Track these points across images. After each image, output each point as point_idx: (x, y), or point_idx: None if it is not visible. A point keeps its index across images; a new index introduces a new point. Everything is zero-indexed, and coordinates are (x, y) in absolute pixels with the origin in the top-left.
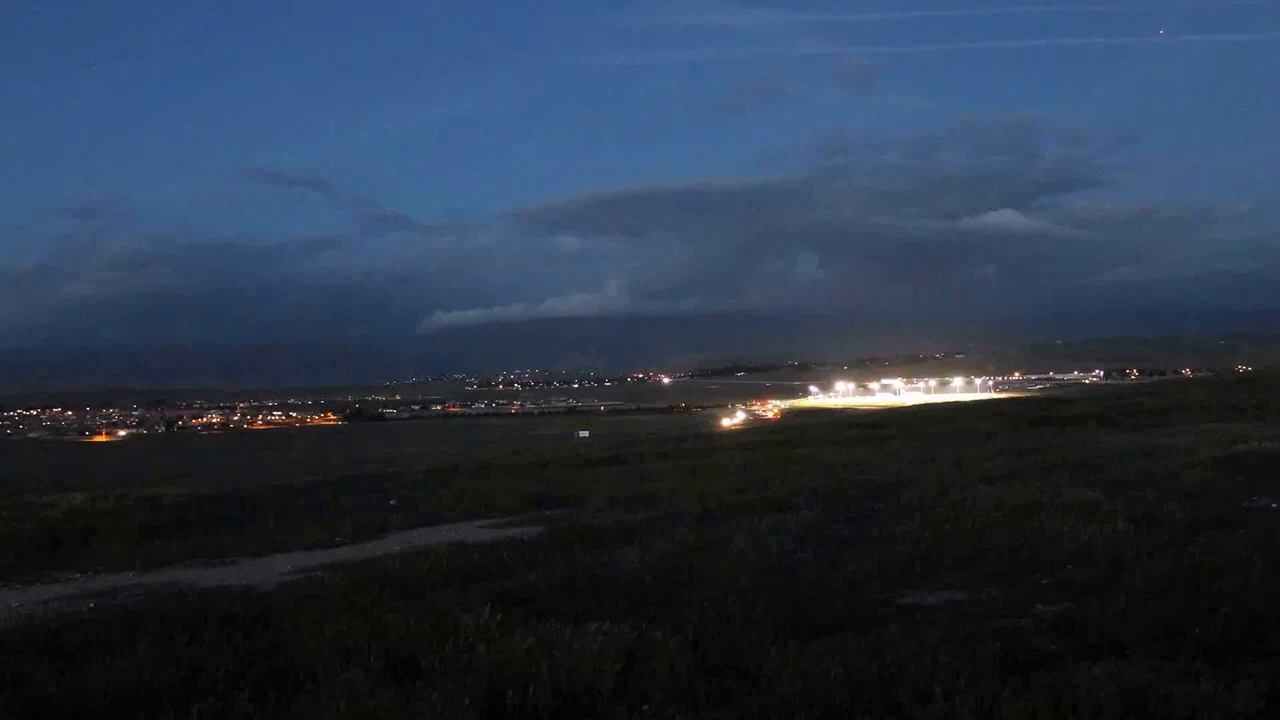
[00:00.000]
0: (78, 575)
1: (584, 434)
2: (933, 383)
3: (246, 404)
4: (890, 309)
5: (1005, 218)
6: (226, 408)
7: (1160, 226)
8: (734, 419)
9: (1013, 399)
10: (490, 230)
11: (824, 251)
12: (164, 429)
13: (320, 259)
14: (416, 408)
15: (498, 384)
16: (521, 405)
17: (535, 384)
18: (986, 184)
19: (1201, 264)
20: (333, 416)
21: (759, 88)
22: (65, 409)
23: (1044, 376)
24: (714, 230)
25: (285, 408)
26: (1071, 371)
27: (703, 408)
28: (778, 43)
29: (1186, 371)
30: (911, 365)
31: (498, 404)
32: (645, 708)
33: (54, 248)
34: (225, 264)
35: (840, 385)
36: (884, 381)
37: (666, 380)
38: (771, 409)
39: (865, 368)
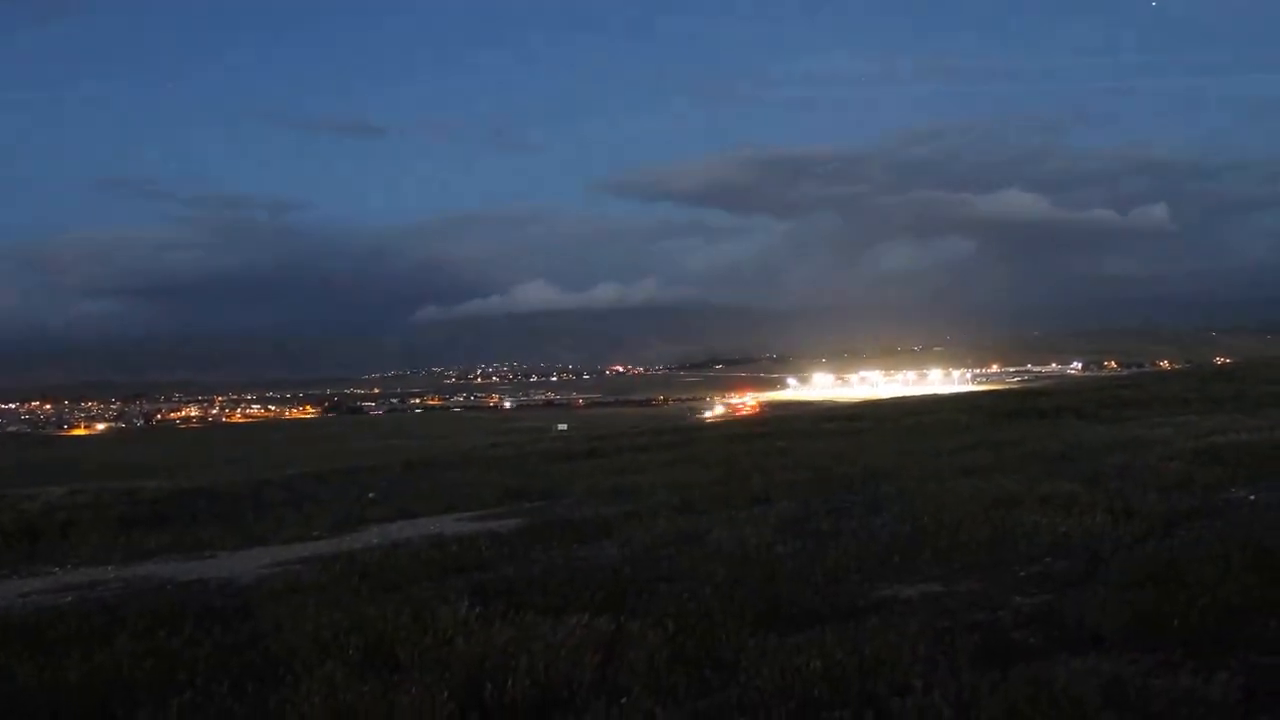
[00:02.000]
0: (56, 569)
1: (562, 427)
2: (911, 375)
3: (225, 397)
4: (869, 301)
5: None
6: (204, 401)
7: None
8: (712, 411)
9: (990, 391)
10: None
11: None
12: (142, 423)
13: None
14: (395, 401)
15: (476, 377)
16: (500, 398)
17: (514, 377)
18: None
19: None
20: (311, 410)
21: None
22: (44, 402)
23: (1021, 369)
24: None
25: (263, 401)
26: (1049, 363)
27: (681, 400)
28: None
29: (1164, 363)
30: (889, 358)
31: (476, 397)
32: (624, 700)
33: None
34: (226, 246)
35: (818, 377)
36: (862, 374)
37: (645, 373)
38: (749, 402)
39: (843, 360)
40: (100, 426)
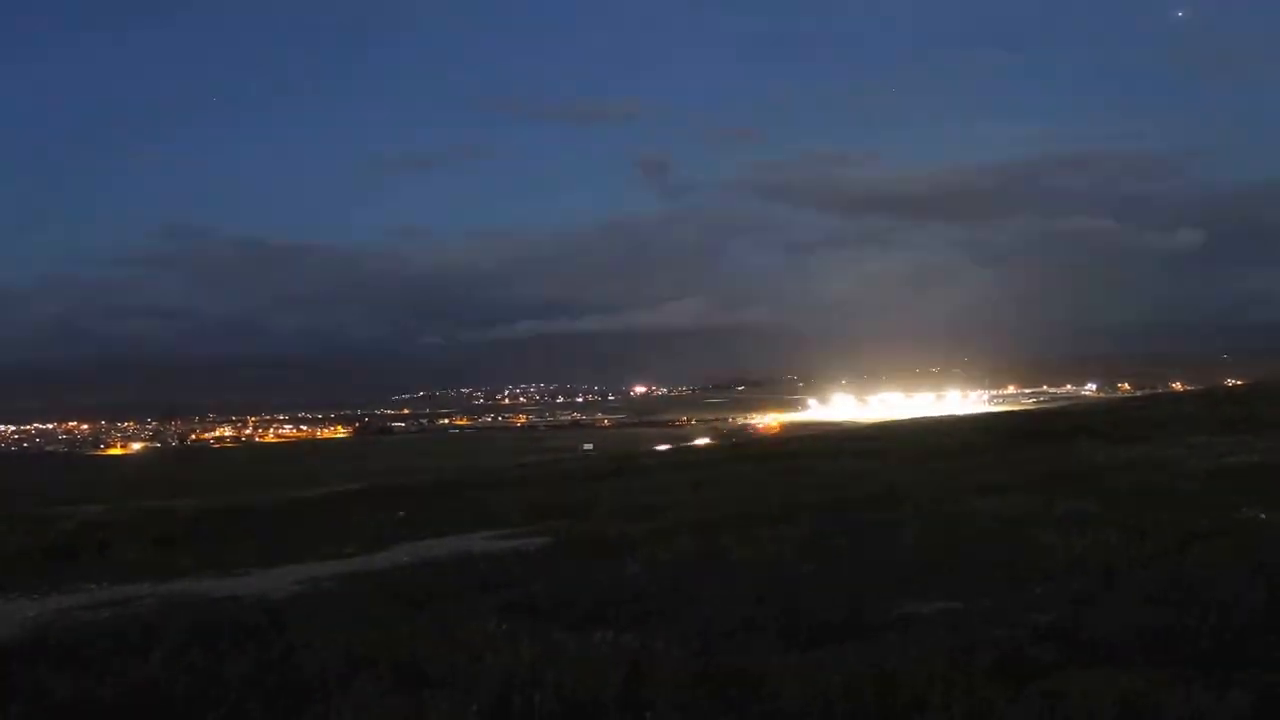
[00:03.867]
0: (93, 586)
1: (588, 447)
2: (929, 396)
3: (258, 417)
4: (888, 321)
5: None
6: (238, 421)
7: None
8: (734, 432)
9: (1007, 412)
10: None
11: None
12: (177, 443)
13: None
14: (424, 421)
15: (503, 398)
16: (527, 419)
17: (540, 398)
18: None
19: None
20: (342, 430)
21: None
22: (81, 422)
23: (1038, 390)
24: None
25: (295, 421)
26: (1065, 385)
27: (704, 421)
28: None
29: (1177, 385)
30: (908, 379)
31: (503, 417)
32: (649, 715)
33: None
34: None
35: (838, 399)
36: (881, 395)
37: (669, 394)
38: (771, 422)
39: (863, 381)
40: (136, 446)
